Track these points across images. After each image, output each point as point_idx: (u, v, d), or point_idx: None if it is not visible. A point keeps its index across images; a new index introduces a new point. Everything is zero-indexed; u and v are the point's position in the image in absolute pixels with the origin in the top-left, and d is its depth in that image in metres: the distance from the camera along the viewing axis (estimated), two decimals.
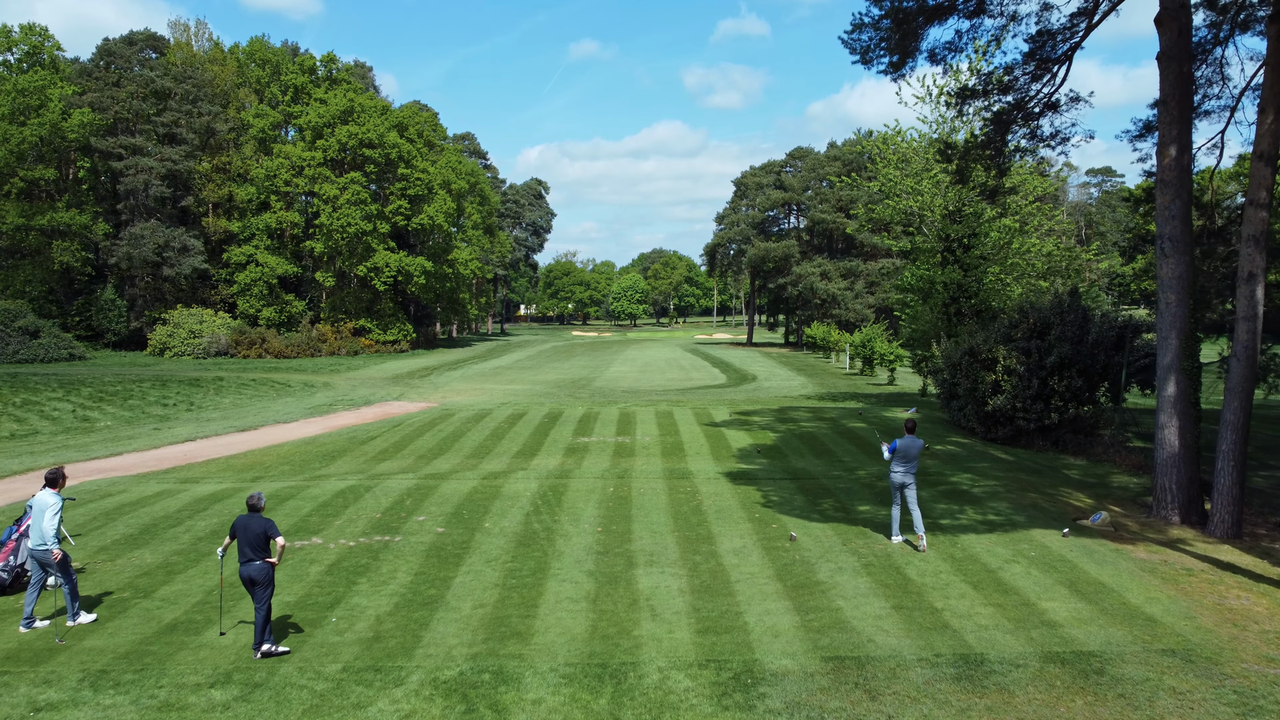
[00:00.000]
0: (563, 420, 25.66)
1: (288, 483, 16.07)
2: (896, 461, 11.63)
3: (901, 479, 11.65)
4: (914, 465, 11.65)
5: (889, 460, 11.73)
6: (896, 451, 11.63)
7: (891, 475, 11.73)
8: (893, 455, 11.65)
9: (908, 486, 11.67)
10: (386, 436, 23.03)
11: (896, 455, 11.62)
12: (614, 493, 14.78)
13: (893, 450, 11.66)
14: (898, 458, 11.62)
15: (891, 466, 11.69)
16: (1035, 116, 17.97)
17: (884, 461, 17.79)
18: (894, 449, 11.65)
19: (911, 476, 11.64)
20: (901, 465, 11.60)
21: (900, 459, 11.61)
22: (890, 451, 11.68)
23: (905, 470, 11.61)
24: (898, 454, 11.61)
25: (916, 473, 11.91)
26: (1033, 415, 20.51)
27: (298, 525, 12.80)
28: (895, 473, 11.66)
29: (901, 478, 11.64)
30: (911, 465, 11.62)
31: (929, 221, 30.22)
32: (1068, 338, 20.51)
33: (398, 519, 13.13)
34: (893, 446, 11.69)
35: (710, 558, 11.28)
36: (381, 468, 18.62)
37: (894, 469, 11.66)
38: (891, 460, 11.67)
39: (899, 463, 11.62)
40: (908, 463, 11.60)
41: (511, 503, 14.11)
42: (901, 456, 11.59)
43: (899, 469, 11.62)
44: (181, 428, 25.23)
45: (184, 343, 57.54)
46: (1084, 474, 17.79)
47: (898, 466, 11.63)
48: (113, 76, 61.79)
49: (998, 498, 14.47)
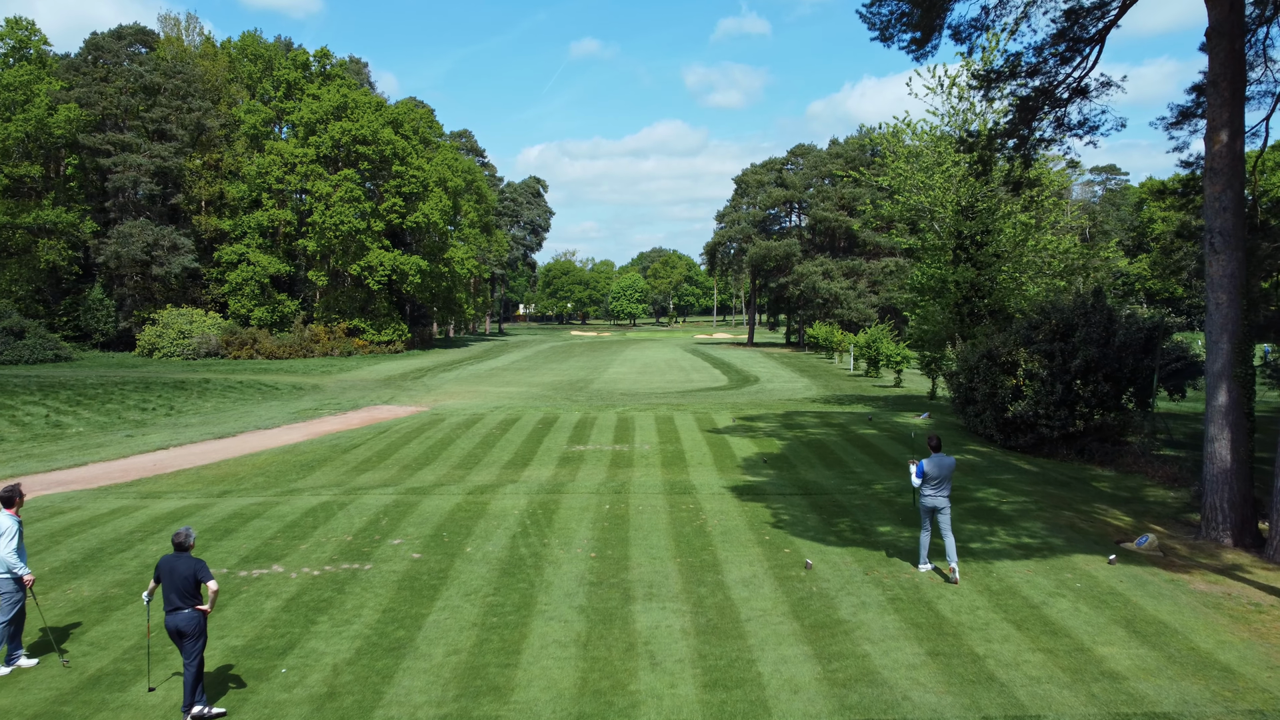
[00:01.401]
0: (558, 426, 24.43)
1: (256, 498, 14.83)
2: (929, 484, 10.38)
3: (934, 501, 10.40)
4: (947, 486, 10.40)
5: (918, 485, 10.44)
6: (926, 475, 10.37)
7: (922, 499, 10.48)
8: (923, 479, 10.39)
9: (940, 510, 10.40)
10: (370, 444, 21.80)
11: (927, 479, 10.37)
12: (610, 510, 13.55)
13: (921, 474, 10.40)
14: (928, 481, 10.38)
15: (921, 489, 10.45)
16: (1063, 103, 16.75)
17: (904, 474, 16.70)
18: (922, 472, 10.38)
19: (945, 498, 10.38)
20: (933, 487, 10.37)
21: (932, 481, 10.36)
22: (919, 476, 10.42)
23: (937, 492, 10.36)
24: (928, 477, 10.36)
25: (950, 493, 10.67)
26: (1056, 422, 19.29)
27: (258, 550, 11.55)
28: (926, 495, 10.42)
29: (933, 500, 10.39)
30: (944, 486, 10.37)
31: (940, 218, 28.98)
32: (1093, 340, 19.28)
33: (371, 542, 11.89)
34: (920, 470, 10.42)
35: (717, 590, 10.05)
36: (361, 480, 17.38)
37: (924, 491, 10.43)
38: (923, 477, 10.42)
39: (929, 485, 10.39)
40: (940, 484, 10.36)
41: (497, 523, 12.88)
42: (932, 478, 10.35)
43: (930, 491, 10.39)
44: (156, 434, 23.98)
45: (173, 343, 56.27)
46: (1115, 487, 16.56)
47: (928, 489, 10.39)
48: (101, 71, 60.49)
49: (1030, 516, 13.24)
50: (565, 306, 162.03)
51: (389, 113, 65.97)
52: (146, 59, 61.93)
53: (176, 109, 60.02)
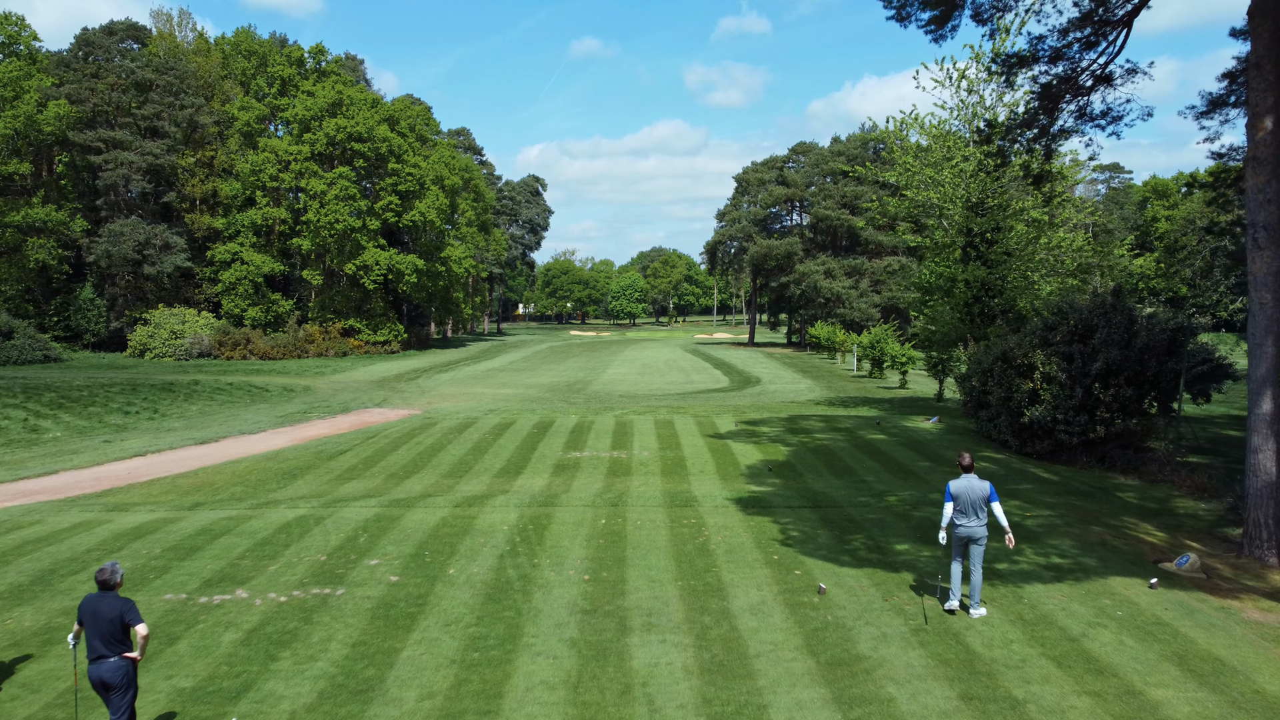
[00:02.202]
0: (553, 431, 23.50)
1: (229, 511, 13.91)
2: (958, 510, 9.19)
3: (969, 531, 9.14)
4: (982, 514, 9.16)
5: (949, 511, 9.25)
6: (954, 497, 9.21)
7: (955, 529, 9.27)
8: (953, 503, 9.23)
9: (976, 541, 9.17)
10: (357, 451, 20.87)
11: (956, 503, 9.20)
12: (606, 526, 12.63)
13: (950, 495, 9.24)
14: (958, 506, 9.19)
15: (952, 517, 9.28)
16: (1085, 91, 15.84)
17: (918, 483, 15.44)
18: (950, 492, 9.24)
19: (983, 528, 9.13)
20: (962, 514, 9.15)
21: (960, 507, 9.16)
22: (949, 498, 9.24)
23: (970, 521, 9.13)
24: (956, 502, 9.20)
25: None
26: (1075, 428, 18.37)
27: (223, 572, 10.63)
28: (959, 525, 9.22)
29: (968, 529, 9.14)
30: (978, 514, 9.13)
31: (949, 214, 28.06)
32: (1115, 341, 18.37)
33: (346, 563, 10.97)
34: (948, 490, 9.28)
35: (722, 619, 9.13)
36: (344, 490, 16.46)
37: (956, 520, 9.25)
38: (951, 506, 9.22)
39: (959, 511, 9.19)
40: (970, 510, 9.14)
41: (485, 540, 11.96)
42: (960, 504, 9.16)
43: (961, 520, 9.18)
44: (136, 440, 23.06)
45: (165, 344, 55.31)
46: (1141, 497, 15.65)
47: (959, 518, 9.20)
48: (91, 68, 59.47)
49: (1057, 532, 12.32)
50: (565, 306, 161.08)
51: (385, 110, 65.01)
52: (138, 55, 60.92)
53: (169, 106, 59.05)
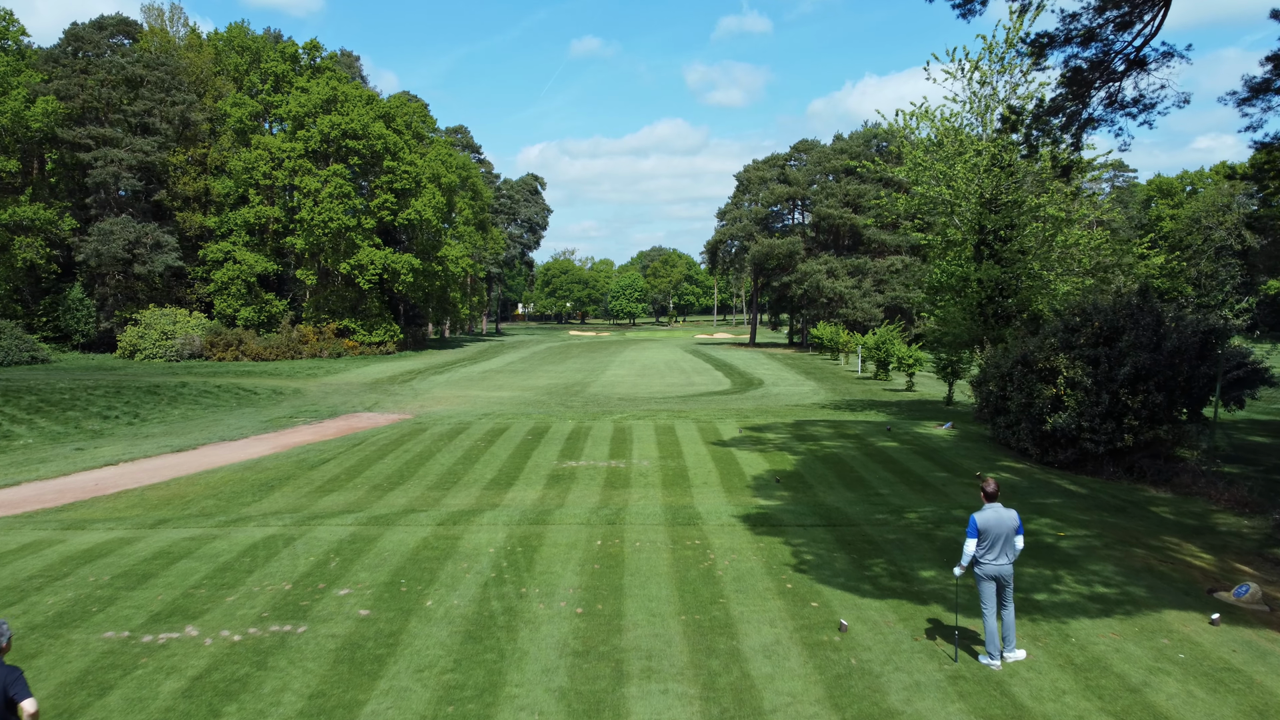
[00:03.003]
0: (549, 437, 22.44)
1: (193, 530, 12.83)
2: (983, 546, 7.92)
3: (998, 570, 7.89)
4: (1012, 550, 7.97)
5: (971, 551, 7.93)
6: (980, 532, 7.91)
7: (981, 566, 7.95)
8: (978, 538, 7.92)
9: (1007, 582, 7.96)
10: (341, 459, 19.80)
11: (982, 538, 7.92)
12: (601, 548, 11.55)
13: (975, 529, 7.93)
14: (984, 541, 7.92)
15: (976, 551, 7.95)
16: (1117, 76, 14.75)
17: (937, 497, 14.03)
18: (975, 526, 7.93)
19: (1010, 565, 7.97)
20: (990, 550, 7.90)
21: (988, 542, 7.91)
22: (973, 533, 7.94)
23: (999, 558, 7.90)
24: (982, 536, 7.92)
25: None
26: (1102, 436, 17.31)
27: (175, 604, 9.55)
28: (985, 563, 7.93)
29: (997, 568, 7.88)
30: (1006, 550, 7.92)
31: (961, 211, 26.99)
32: (1143, 345, 17.30)
33: (312, 593, 9.89)
34: (973, 524, 7.95)
35: (731, 663, 8.06)
36: (322, 504, 15.39)
37: (982, 557, 7.95)
38: (974, 543, 7.91)
39: (985, 547, 7.92)
40: (998, 546, 7.90)
41: (468, 564, 10.88)
42: (987, 538, 7.90)
43: (989, 558, 7.90)
44: (110, 447, 21.99)
45: (156, 344, 54.27)
46: (1177, 513, 14.59)
47: (988, 553, 7.91)
48: (81, 63, 58.36)
49: (1096, 555, 11.24)
50: (564, 306, 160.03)
51: (381, 106, 63.94)
52: (129, 50, 59.82)
53: (160, 102, 57.96)
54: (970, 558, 8.00)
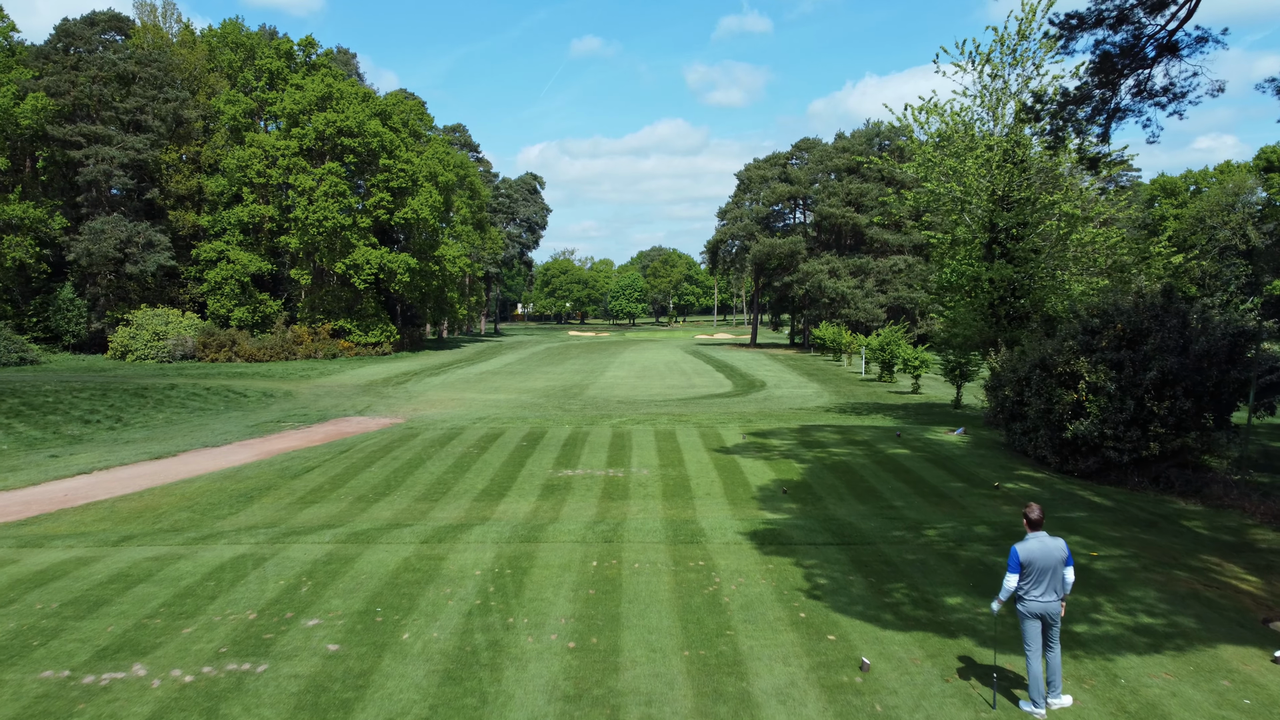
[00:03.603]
0: (544, 443, 21.55)
1: (159, 548, 11.93)
2: (1028, 580, 7.01)
3: (1044, 607, 7.01)
4: (1061, 585, 7.09)
5: (1012, 585, 7.04)
6: (1023, 564, 6.99)
7: (1024, 603, 7.06)
8: (1020, 572, 7.02)
9: (1053, 621, 7.08)
10: (327, 467, 18.90)
11: (1025, 572, 7.00)
12: (597, 570, 10.66)
13: (1017, 563, 7.02)
14: (1028, 575, 7.00)
15: (1019, 586, 7.08)
16: (1147, 62, 13.87)
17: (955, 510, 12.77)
18: (1017, 559, 7.01)
19: (1058, 602, 7.08)
20: (1036, 585, 7.01)
21: (1033, 576, 7.00)
22: (1015, 567, 7.02)
23: (1045, 594, 7.01)
24: (1025, 570, 7.00)
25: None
26: (1126, 445, 16.42)
27: (125, 637, 8.65)
28: (1029, 599, 7.03)
29: (1043, 605, 7.00)
30: (1052, 583, 7.03)
31: (971, 208, 26.11)
32: (1170, 348, 16.42)
33: (279, 623, 9.00)
34: (1014, 556, 7.04)
35: (742, 710, 7.17)
36: (301, 518, 14.50)
37: (1027, 593, 7.03)
38: (1016, 577, 7.02)
39: (1031, 581, 7.02)
40: (1047, 581, 7.01)
41: (451, 590, 9.98)
42: (1032, 571, 6.99)
43: (1034, 593, 7.01)
44: (87, 454, 21.09)
45: (147, 345, 53.34)
46: (1212, 528, 13.69)
47: (1034, 588, 7.01)
48: (72, 60, 57.45)
49: (1136, 579, 10.35)
50: (563, 306, 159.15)
51: (377, 104, 63.03)
52: (121, 47, 58.93)
53: (152, 99, 57.06)
54: (1010, 593, 7.11)
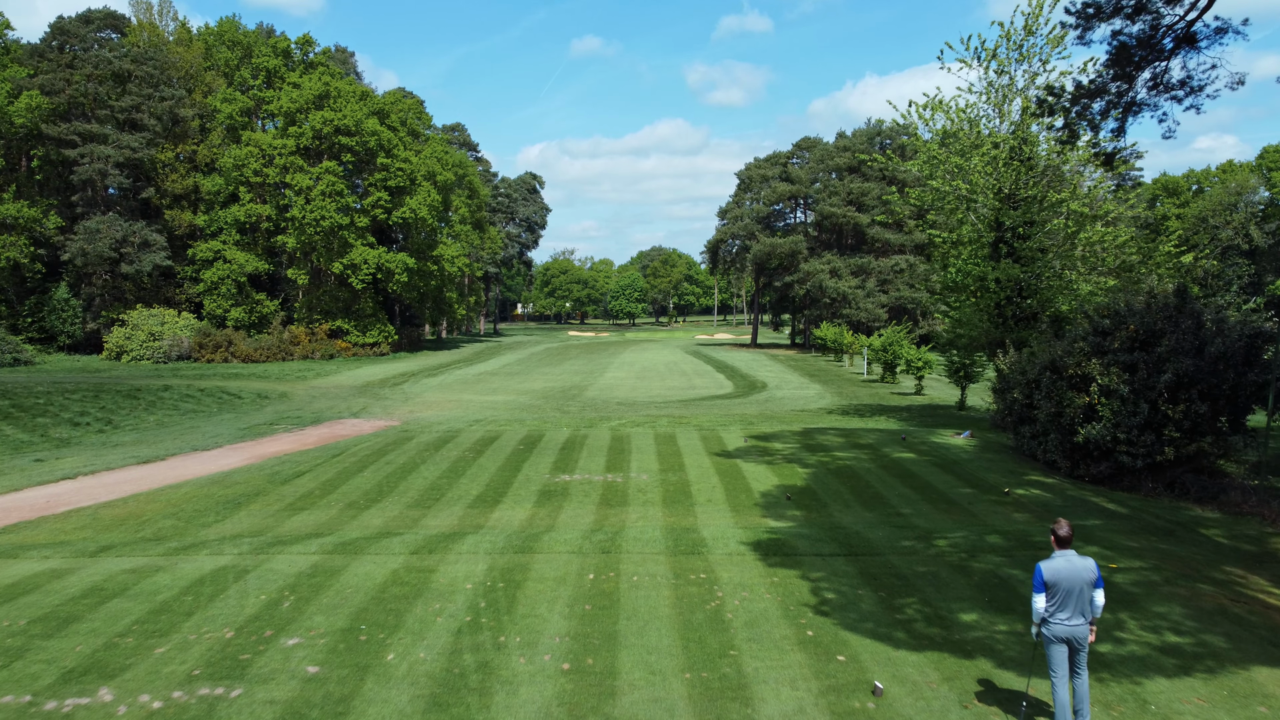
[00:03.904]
0: (542, 447, 21.08)
1: (136, 559, 11.46)
2: (1053, 601, 6.57)
3: (1070, 631, 6.53)
4: (1089, 607, 6.61)
5: (1041, 608, 6.59)
6: (1048, 584, 6.55)
7: (1049, 626, 6.60)
8: (1045, 592, 6.58)
9: (1080, 646, 6.58)
10: (318, 472, 18.43)
11: (1050, 592, 6.56)
12: (594, 584, 10.18)
13: (1041, 582, 6.58)
14: (1054, 595, 6.55)
15: (1045, 608, 6.62)
16: (1165, 55, 13.41)
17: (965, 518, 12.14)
18: (1042, 578, 6.58)
19: (1085, 626, 6.59)
20: (1062, 608, 6.54)
21: (1058, 597, 6.54)
22: (1040, 587, 6.59)
23: (1072, 617, 6.52)
24: (1051, 590, 6.56)
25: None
26: (1140, 449, 15.95)
27: (93, 658, 8.17)
28: (1055, 623, 6.57)
29: (1069, 629, 6.53)
30: (1081, 607, 6.56)
31: (977, 207, 25.63)
32: (1185, 349, 15.95)
33: (257, 642, 8.52)
34: (1039, 575, 6.60)
35: None
36: (289, 525, 14.02)
37: (1052, 616, 6.58)
38: (1043, 598, 6.58)
39: (1056, 603, 6.56)
40: (1073, 603, 6.53)
41: (441, 605, 9.51)
42: (1058, 592, 6.54)
43: (1060, 617, 6.55)
44: (74, 458, 20.62)
45: (143, 346, 52.88)
46: (1231, 536, 13.22)
47: (1059, 610, 6.55)
48: (67, 58, 56.95)
49: (1159, 594, 9.87)
50: (563, 306, 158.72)
51: (375, 103, 62.56)
52: (117, 45, 58.46)
53: (148, 97, 56.58)
54: (1041, 613, 6.63)
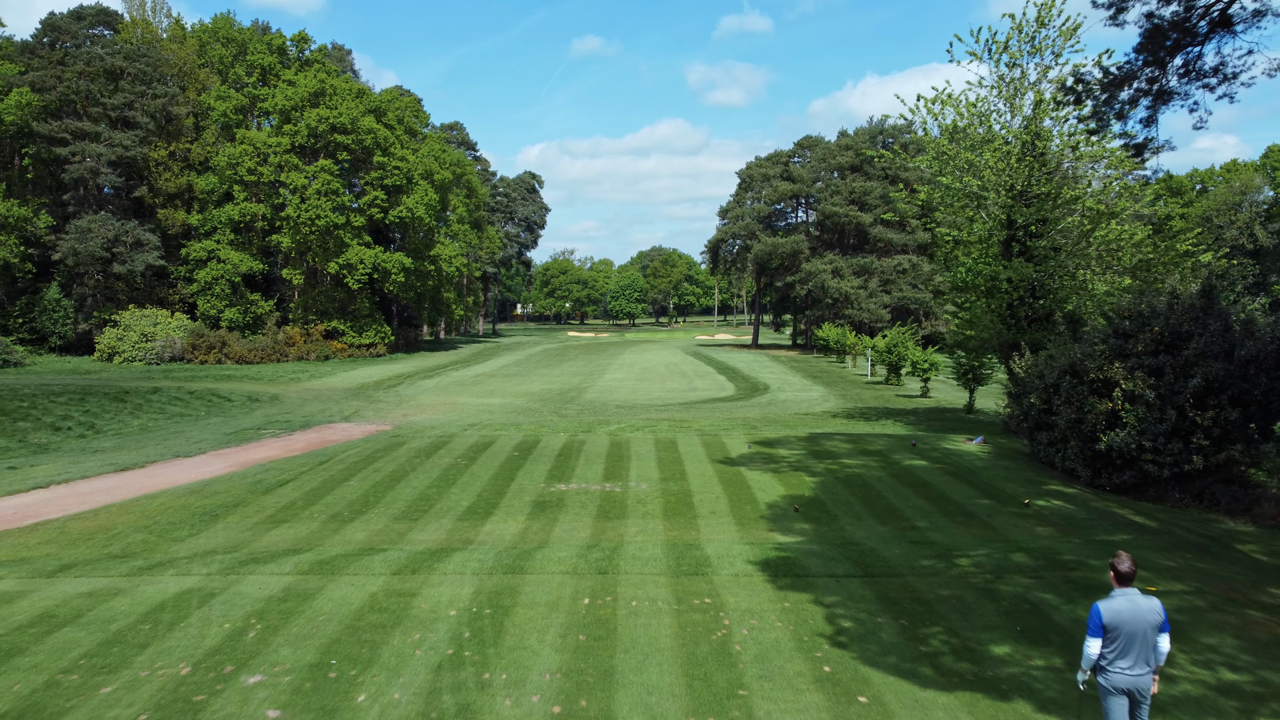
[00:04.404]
0: (537, 454, 20.26)
1: (97, 580, 10.64)
2: (1113, 647, 5.71)
3: (1133, 682, 5.70)
4: (1153, 655, 5.77)
5: (1093, 652, 5.78)
6: (1107, 627, 5.71)
7: (1107, 675, 5.75)
8: (1102, 636, 5.74)
9: (1143, 699, 5.77)
10: (302, 481, 17.60)
11: (1109, 637, 5.72)
12: (589, 610, 9.36)
13: (1099, 625, 5.73)
14: (1113, 641, 5.71)
15: (1101, 654, 5.79)
16: (1198, 39, 12.59)
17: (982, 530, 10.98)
18: (1099, 621, 5.72)
19: (1148, 676, 5.75)
20: (1123, 655, 5.69)
21: (1119, 643, 5.70)
22: (1097, 630, 5.74)
23: (1134, 666, 5.68)
24: (1109, 634, 5.72)
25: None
26: (1167, 458, 15.14)
27: (27, 701, 7.34)
28: (1114, 671, 5.73)
29: (1132, 679, 5.69)
30: (1146, 655, 5.72)
31: (987, 204, 24.81)
32: (1214, 353, 15.13)
33: (215, 680, 7.70)
34: (1096, 617, 5.74)
35: None
36: (266, 541, 13.20)
37: (1110, 664, 5.74)
38: (1099, 643, 5.75)
39: (1117, 650, 5.70)
40: (1136, 650, 5.68)
41: (421, 635, 8.69)
42: (1117, 637, 5.70)
43: (1121, 665, 5.70)
44: (49, 465, 19.79)
45: (135, 347, 52.07)
46: (1269, 552, 12.39)
47: (1120, 658, 5.70)
48: (58, 54, 56.15)
49: (1206, 621, 9.05)
50: (563, 306, 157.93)
51: (371, 100, 61.75)
52: (109, 42, 57.65)
53: (140, 95, 55.77)
54: (1092, 661, 5.81)
